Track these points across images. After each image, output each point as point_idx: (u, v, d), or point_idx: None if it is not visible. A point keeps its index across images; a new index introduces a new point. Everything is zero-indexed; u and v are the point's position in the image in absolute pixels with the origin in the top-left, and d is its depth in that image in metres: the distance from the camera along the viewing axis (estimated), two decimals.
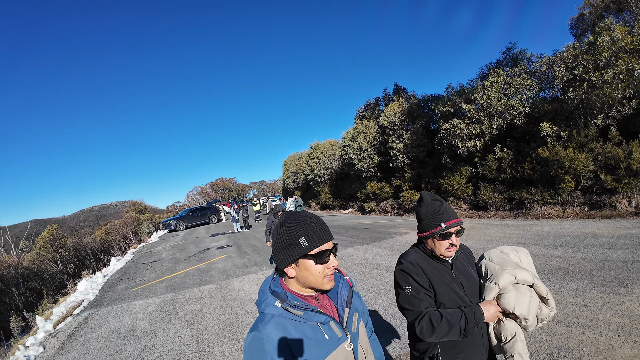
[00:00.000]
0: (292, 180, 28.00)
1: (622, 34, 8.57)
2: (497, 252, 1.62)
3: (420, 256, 1.52)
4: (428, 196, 1.53)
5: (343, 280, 1.15)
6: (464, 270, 1.53)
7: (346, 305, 1.10)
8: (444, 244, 1.44)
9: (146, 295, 6.92)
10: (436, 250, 1.47)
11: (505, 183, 11.13)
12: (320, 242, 0.99)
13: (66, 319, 6.67)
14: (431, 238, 1.47)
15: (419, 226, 1.53)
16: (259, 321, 0.98)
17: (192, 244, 14.00)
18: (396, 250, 7.36)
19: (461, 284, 1.48)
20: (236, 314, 4.95)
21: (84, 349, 4.68)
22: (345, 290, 1.12)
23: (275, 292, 1.01)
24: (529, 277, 1.43)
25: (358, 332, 1.10)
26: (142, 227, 24.39)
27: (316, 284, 1.01)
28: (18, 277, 15.68)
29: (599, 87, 8.73)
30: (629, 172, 8.81)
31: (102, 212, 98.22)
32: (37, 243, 22.09)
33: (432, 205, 1.48)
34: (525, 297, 1.42)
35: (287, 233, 1.00)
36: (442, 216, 1.43)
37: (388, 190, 15.12)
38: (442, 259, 1.49)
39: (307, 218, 1.03)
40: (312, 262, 0.99)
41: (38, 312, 9.09)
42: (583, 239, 6.49)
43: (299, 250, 0.98)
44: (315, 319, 0.99)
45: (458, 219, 1.44)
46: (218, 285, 6.75)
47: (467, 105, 10.91)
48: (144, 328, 5.02)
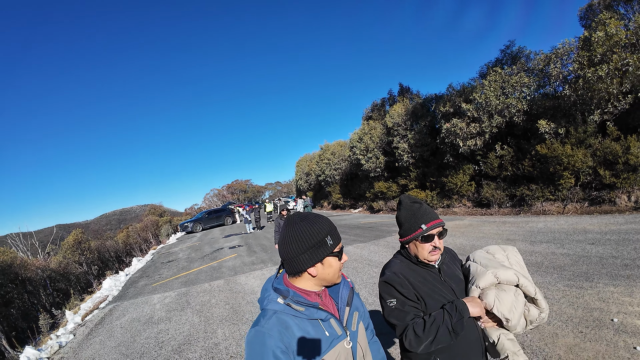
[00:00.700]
0: (304, 181, 28.82)
1: (617, 28, 8.73)
2: (483, 253, 1.62)
3: (404, 264, 1.48)
4: (407, 199, 1.50)
5: (344, 280, 1.21)
6: (452, 274, 1.50)
7: (347, 304, 1.15)
8: (427, 247, 1.40)
9: (163, 290, 7.79)
10: (419, 255, 1.43)
11: (507, 180, 11.43)
12: (339, 240, 1.09)
13: (93, 312, 7.62)
14: (413, 242, 1.43)
15: (399, 231, 1.49)
16: (261, 317, 1.02)
17: (207, 244, 14.95)
18: (391, 248, 7.92)
19: (452, 288, 1.45)
20: (239, 304, 5.69)
21: (110, 333, 5.54)
22: (346, 290, 1.18)
23: (278, 289, 1.06)
24: (512, 277, 1.41)
25: (357, 331, 1.14)
26: (161, 230, 25.75)
27: (332, 279, 1.09)
28: (45, 279, 17.10)
29: (594, 83, 8.95)
30: (627, 167, 8.98)
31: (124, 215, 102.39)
32: (62, 246, 23.77)
33: (411, 207, 1.45)
34: (507, 296, 1.39)
35: (313, 234, 1.04)
36: (421, 218, 1.40)
37: (395, 189, 15.61)
38: (427, 264, 1.45)
39: (324, 218, 1.09)
40: (336, 258, 1.07)
41: (67, 308, 10.16)
42: (571, 235, 6.84)
43: (326, 249, 1.04)
44: (316, 316, 1.03)
45: (439, 220, 1.41)
46: (227, 280, 7.53)
47: (467, 104, 11.28)
48: (160, 316, 5.84)
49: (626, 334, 3.03)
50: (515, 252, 1.61)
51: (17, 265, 16.39)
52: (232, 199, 50.07)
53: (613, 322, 3.28)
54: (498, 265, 1.46)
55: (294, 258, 1.05)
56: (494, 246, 1.65)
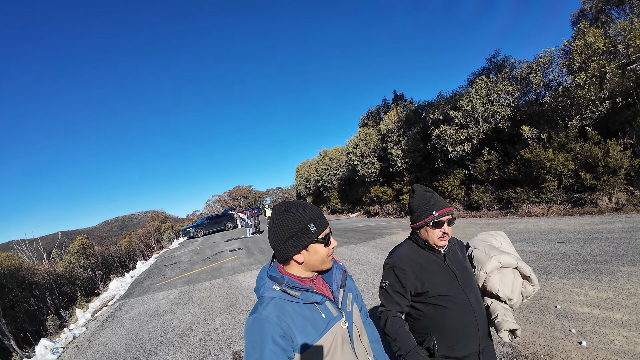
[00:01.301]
0: (303, 187, 29.54)
1: (595, 37, 9.35)
2: (481, 240, 1.77)
3: (411, 249, 1.60)
4: (420, 188, 1.61)
5: (337, 265, 1.25)
6: (457, 261, 1.59)
7: (340, 286, 1.19)
8: (437, 233, 1.50)
9: (167, 288, 8.46)
10: (429, 240, 1.53)
11: (495, 184, 12.05)
12: (325, 226, 1.10)
13: (102, 309, 8.29)
14: (424, 227, 1.53)
15: (411, 217, 1.60)
16: (259, 304, 1.05)
17: (208, 248, 15.62)
18: (379, 249, 8.55)
19: (454, 274, 1.53)
20: (236, 298, 6.34)
21: (119, 324, 6.21)
22: (339, 273, 1.22)
23: (273, 277, 1.10)
24: (512, 261, 1.61)
25: (352, 312, 1.19)
26: (163, 235, 26.49)
27: (320, 266, 1.12)
28: (52, 283, 17.84)
29: (573, 90, 9.59)
30: (607, 170, 9.55)
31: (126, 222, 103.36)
32: (68, 251, 24.61)
33: (424, 195, 1.55)
34: (508, 279, 1.59)
35: (295, 221, 1.08)
36: (433, 205, 1.50)
37: (390, 193, 16.25)
38: (435, 249, 1.55)
39: (308, 205, 1.12)
40: (322, 245, 1.09)
41: (76, 307, 10.84)
42: (545, 235, 7.43)
43: (309, 236, 1.07)
44: (312, 299, 1.07)
45: (449, 208, 1.52)
46: (225, 279, 8.18)
47: (455, 112, 11.95)
48: (165, 309, 6.51)
49: (565, 319, 3.55)
50: (504, 236, 1.83)
51: (25, 270, 17.16)
52: (234, 205, 50.83)
53: (556, 309, 3.79)
54: (498, 251, 1.64)
55: (279, 245, 1.09)
56: (484, 233, 1.84)
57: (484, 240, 1.76)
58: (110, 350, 5.04)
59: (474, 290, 1.56)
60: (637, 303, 3.57)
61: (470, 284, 1.55)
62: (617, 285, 4.08)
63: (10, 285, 15.88)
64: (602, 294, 3.95)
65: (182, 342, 4.72)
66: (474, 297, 1.52)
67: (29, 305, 16.54)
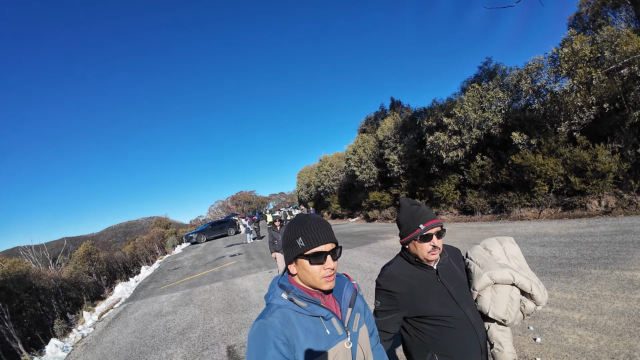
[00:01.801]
0: (305, 192, 30.06)
1: (582, 45, 9.75)
2: (481, 250, 1.66)
3: (401, 267, 1.55)
4: (406, 202, 1.56)
5: (349, 283, 1.24)
6: (451, 276, 1.54)
7: (349, 305, 1.17)
8: (426, 247, 1.45)
9: (170, 291, 8.96)
10: (419, 255, 1.48)
11: (488, 188, 12.43)
12: (316, 243, 1.08)
13: (108, 311, 8.80)
14: (412, 242, 1.49)
15: (399, 233, 1.55)
16: (266, 311, 1.08)
17: (210, 253, 16.13)
18: (372, 253, 8.99)
19: (448, 290, 1.48)
20: (233, 299, 6.82)
21: (125, 324, 6.71)
22: (349, 292, 1.20)
23: (282, 286, 1.13)
24: (507, 277, 1.48)
25: (358, 333, 1.16)
26: (167, 241, 27.08)
27: (314, 283, 1.10)
28: (58, 288, 18.46)
29: (560, 96, 10.00)
30: (596, 174, 9.91)
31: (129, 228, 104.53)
32: (73, 257, 25.33)
33: (410, 209, 1.51)
34: (502, 297, 1.47)
35: (288, 233, 1.13)
36: (420, 218, 1.46)
37: (388, 198, 16.68)
38: (425, 265, 1.50)
39: (308, 221, 1.13)
40: (308, 262, 1.08)
41: (83, 309, 11.37)
42: (530, 238, 7.80)
43: (296, 250, 1.10)
44: (317, 312, 1.08)
45: (437, 220, 1.47)
46: (225, 282, 8.66)
47: (448, 118, 12.40)
48: (167, 310, 7.00)
49: (527, 317, 4.01)
50: (511, 244, 1.67)
51: (32, 276, 17.79)
52: (237, 210, 51.45)
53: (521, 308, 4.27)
54: (494, 265, 1.52)
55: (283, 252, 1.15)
56: (491, 239, 1.71)
57: (485, 249, 1.66)
58: (117, 347, 5.53)
59: (471, 304, 1.52)
60: (598, 304, 3.86)
61: (466, 298, 1.52)
62: (584, 287, 4.40)
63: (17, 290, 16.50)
64: (567, 295, 4.29)
65: (182, 338, 5.20)
66: (471, 313, 1.48)
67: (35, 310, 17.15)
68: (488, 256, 1.59)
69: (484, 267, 1.53)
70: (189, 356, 4.48)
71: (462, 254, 1.72)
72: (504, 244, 1.67)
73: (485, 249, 1.65)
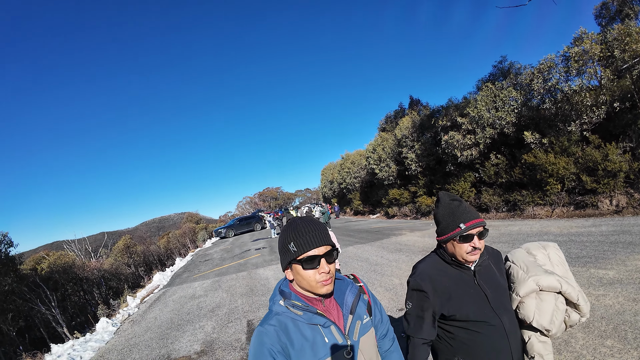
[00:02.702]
0: (328, 189, 31.18)
1: (592, 44, 10.02)
2: (523, 253, 1.58)
3: (435, 265, 1.50)
4: (446, 196, 1.51)
5: (352, 286, 1.23)
6: (489, 279, 1.46)
7: (350, 312, 1.16)
8: (465, 248, 1.39)
9: (201, 279, 10.38)
10: (457, 255, 1.42)
11: (502, 186, 12.89)
12: (308, 247, 1.07)
13: (149, 295, 10.35)
14: (450, 241, 1.43)
15: (437, 229, 1.50)
16: (265, 317, 1.11)
17: (237, 247, 17.65)
18: (382, 248, 9.89)
19: (485, 294, 1.41)
20: (255, 285, 8.04)
21: (165, 304, 8.13)
22: (351, 297, 1.19)
23: (282, 292, 1.16)
24: (555, 284, 1.41)
25: (359, 341, 1.14)
26: (198, 235, 29.22)
27: (310, 288, 1.10)
28: (100, 278, 20.78)
29: (570, 96, 10.34)
30: (607, 173, 10.19)
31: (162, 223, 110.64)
32: (114, 250, 28.09)
33: (450, 205, 1.45)
34: (547, 306, 1.41)
35: (281, 239, 1.14)
36: (461, 216, 1.40)
37: (406, 196, 17.38)
38: (463, 265, 1.45)
39: (300, 225, 1.13)
40: (301, 267, 1.08)
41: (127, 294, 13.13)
42: (531, 237, 8.37)
43: (289, 255, 1.10)
44: (314, 321, 1.08)
45: (480, 219, 1.40)
46: (249, 272, 9.94)
47: (462, 118, 12.94)
48: (199, 294, 8.36)
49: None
50: (556, 250, 1.60)
51: (77, 267, 20.18)
52: (264, 206, 53.52)
53: None
54: (539, 271, 1.46)
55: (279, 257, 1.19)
56: (534, 243, 1.65)
57: (528, 253, 1.59)
58: (158, 321, 6.89)
59: (509, 311, 1.45)
60: None
61: (504, 304, 1.44)
62: None
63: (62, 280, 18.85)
64: None
65: (212, 314, 6.46)
66: (508, 321, 1.41)
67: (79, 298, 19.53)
68: (532, 260, 1.53)
69: (529, 271, 1.46)
70: (217, 327, 5.71)
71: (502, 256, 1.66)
72: (547, 249, 1.59)
73: (528, 253, 1.59)
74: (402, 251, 8.89)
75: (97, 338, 6.97)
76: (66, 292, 18.71)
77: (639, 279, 4.39)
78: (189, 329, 5.91)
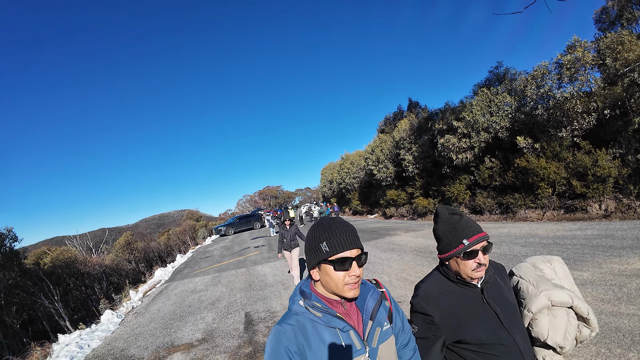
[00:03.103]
0: (328, 188, 31.65)
1: (583, 52, 10.40)
2: (530, 268, 1.56)
3: (439, 285, 1.43)
4: (444, 210, 1.44)
5: (374, 291, 1.21)
6: (498, 295, 1.40)
7: (370, 317, 1.14)
8: (470, 265, 1.33)
9: (202, 275, 10.83)
10: (462, 273, 1.36)
11: (496, 189, 13.30)
12: (342, 248, 1.07)
13: (151, 290, 10.80)
14: (454, 259, 1.37)
15: (438, 247, 1.44)
16: (284, 316, 1.11)
17: (237, 244, 18.11)
18: (376, 247, 10.32)
19: (495, 313, 1.35)
20: (253, 281, 8.49)
21: (167, 298, 8.58)
22: (372, 302, 1.17)
23: (302, 292, 1.15)
24: (567, 299, 1.38)
25: (378, 348, 1.13)
26: (198, 233, 29.72)
27: (336, 290, 1.09)
28: (102, 273, 21.30)
29: (562, 103, 10.74)
30: (596, 178, 10.59)
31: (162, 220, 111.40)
32: (115, 246, 28.66)
33: (450, 220, 1.39)
34: (560, 322, 1.38)
35: (312, 237, 1.12)
36: (463, 232, 1.34)
37: (404, 197, 17.81)
38: (469, 283, 1.38)
39: (334, 224, 1.12)
40: (332, 267, 1.07)
41: (129, 289, 13.60)
42: (517, 239, 8.77)
43: (320, 255, 1.09)
44: (333, 324, 1.07)
45: (483, 233, 1.34)
46: (247, 268, 10.38)
47: (458, 122, 13.36)
48: (200, 288, 8.82)
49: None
50: (561, 264, 1.59)
51: (79, 262, 20.69)
52: (264, 205, 54.00)
53: None
54: (550, 285, 1.43)
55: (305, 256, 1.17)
56: (538, 257, 1.63)
57: (534, 267, 1.57)
58: (161, 313, 7.34)
59: (521, 329, 1.41)
60: None
61: (515, 322, 1.39)
62: None
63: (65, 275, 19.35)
64: None
65: (212, 307, 6.91)
66: (521, 338, 1.37)
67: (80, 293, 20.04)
68: (540, 275, 1.51)
69: (539, 286, 1.43)
70: (217, 318, 6.16)
71: None
72: (553, 262, 1.58)
73: (535, 267, 1.56)
74: (395, 250, 9.32)
75: (103, 328, 7.42)
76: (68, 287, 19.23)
77: (610, 281, 4.77)
78: (191, 320, 6.35)
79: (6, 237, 15.31)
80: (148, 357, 4.96)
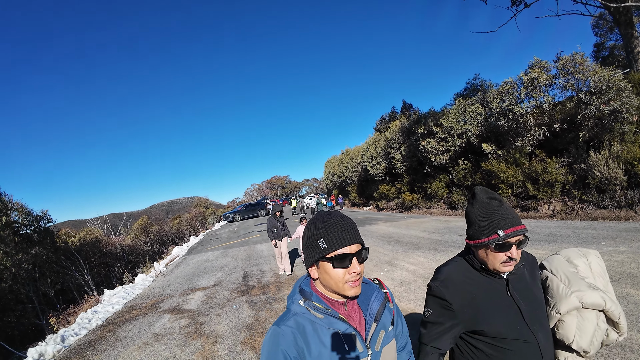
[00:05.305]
0: (330, 181, 34.40)
1: (539, 73, 12.67)
2: (563, 262, 1.47)
3: (462, 271, 1.37)
4: (483, 193, 1.33)
5: (379, 292, 1.19)
6: (523, 289, 1.34)
7: (374, 319, 1.13)
8: (500, 257, 1.25)
9: (212, 250, 13.82)
10: (488, 264, 1.29)
11: (468, 188, 15.78)
12: (340, 245, 1.05)
13: (172, 261, 13.82)
14: (484, 248, 1.29)
15: (468, 230, 1.35)
16: (282, 316, 1.10)
17: (242, 229, 21.13)
18: None
19: (519, 307, 1.30)
20: (252, 254, 11.38)
21: (186, 265, 11.57)
22: (377, 304, 1.15)
23: (302, 291, 1.13)
24: (599, 301, 1.31)
25: (381, 352, 1.12)
26: (207, 219, 32.99)
27: (336, 289, 1.07)
28: (123, 252, 24.65)
29: (518, 116, 13.10)
30: (545, 183, 12.99)
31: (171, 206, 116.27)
32: (133, 228, 32.24)
33: (489, 205, 1.28)
34: (589, 325, 1.32)
35: (309, 233, 1.11)
36: (500, 221, 1.24)
37: (393, 191, 20.40)
38: (494, 273, 1.32)
39: (331, 219, 1.10)
40: (330, 265, 1.05)
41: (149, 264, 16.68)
42: (463, 229, 11.30)
43: (317, 252, 1.07)
44: (335, 326, 1.06)
45: (522, 226, 1.24)
46: (249, 246, 13.28)
47: (437, 127, 15.80)
48: (212, 259, 11.79)
49: (390, 265, 7.81)
50: (597, 259, 1.49)
51: (103, 242, 24.10)
52: (271, 194, 57.16)
53: (393, 263, 8.08)
54: (583, 285, 1.35)
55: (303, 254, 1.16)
56: (573, 250, 1.52)
57: (568, 262, 1.46)
58: (184, 273, 10.27)
59: (544, 328, 1.34)
60: (433, 266, 7.66)
61: (539, 319, 1.32)
62: (434, 257, 7.98)
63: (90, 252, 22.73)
64: (420, 259, 8.00)
65: (221, 269, 9.82)
66: (543, 338, 1.30)
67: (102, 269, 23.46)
68: (574, 272, 1.41)
69: (571, 286, 1.34)
70: (224, 274, 9.05)
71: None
72: (589, 257, 1.47)
73: (569, 262, 1.46)
74: (365, 236, 12.01)
75: (139, 285, 10.40)
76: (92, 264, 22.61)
77: None
78: (206, 276, 9.26)
79: (42, 218, 18.57)
80: (179, 294, 7.87)
